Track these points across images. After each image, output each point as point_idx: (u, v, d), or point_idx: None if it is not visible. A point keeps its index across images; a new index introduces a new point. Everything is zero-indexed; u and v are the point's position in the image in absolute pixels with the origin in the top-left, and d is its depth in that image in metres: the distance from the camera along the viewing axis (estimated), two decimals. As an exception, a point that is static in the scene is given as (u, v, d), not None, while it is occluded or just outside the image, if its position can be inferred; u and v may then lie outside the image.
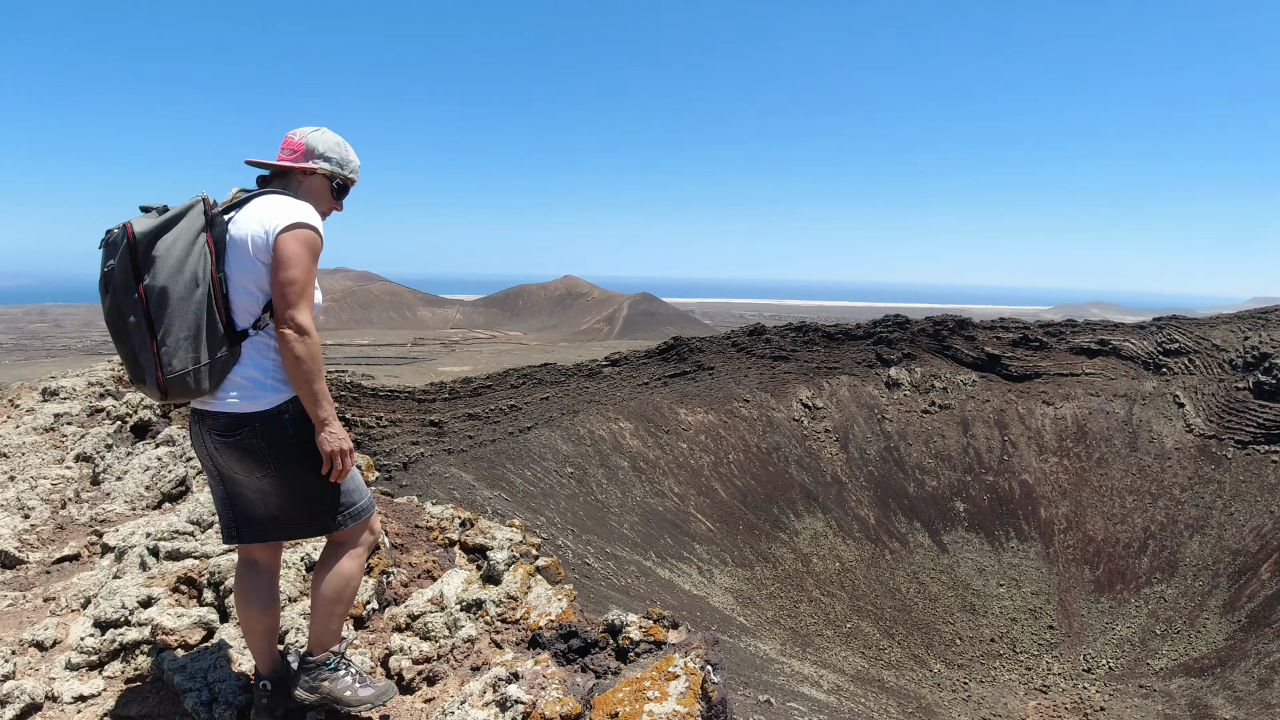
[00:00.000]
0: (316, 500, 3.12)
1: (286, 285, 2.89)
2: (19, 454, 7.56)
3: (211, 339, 2.92)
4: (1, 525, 5.90)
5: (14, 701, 3.60)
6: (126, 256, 2.83)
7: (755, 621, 41.88)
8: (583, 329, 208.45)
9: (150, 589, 4.19)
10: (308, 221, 2.97)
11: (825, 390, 60.36)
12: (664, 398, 55.28)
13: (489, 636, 3.51)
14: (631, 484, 48.03)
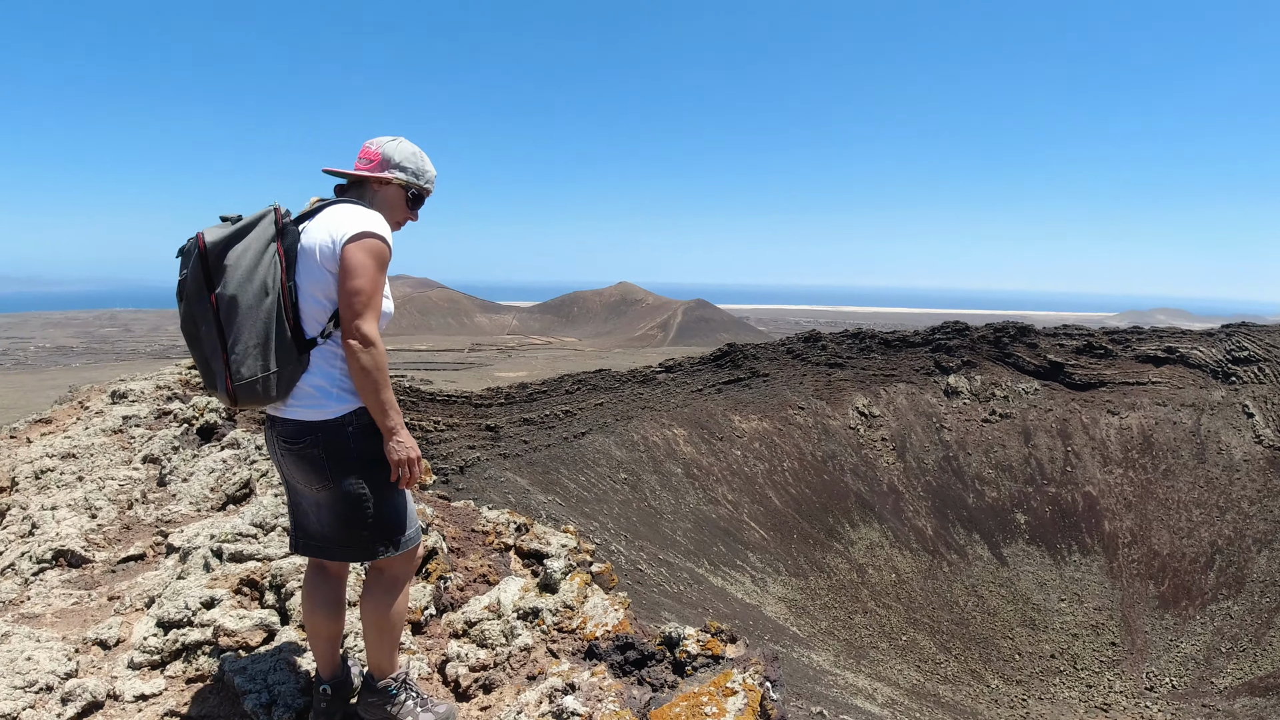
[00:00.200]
0: (366, 522, 3.11)
1: (352, 295, 2.90)
2: (88, 455, 7.76)
3: (280, 347, 2.94)
4: (69, 524, 6.05)
5: (76, 699, 3.66)
6: (198, 265, 2.89)
7: (809, 632, 41.46)
8: (637, 335, 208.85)
9: (213, 590, 4.25)
10: (375, 231, 2.97)
11: (882, 398, 59.59)
12: (718, 404, 55.05)
13: (545, 645, 3.49)
14: (685, 491, 47.88)
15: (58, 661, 3.95)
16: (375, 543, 3.13)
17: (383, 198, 3.23)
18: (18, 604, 5.09)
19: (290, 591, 4.11)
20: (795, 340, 62.81)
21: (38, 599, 5.03)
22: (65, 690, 3.70)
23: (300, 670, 3.57)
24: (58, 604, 4.92)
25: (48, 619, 4.75)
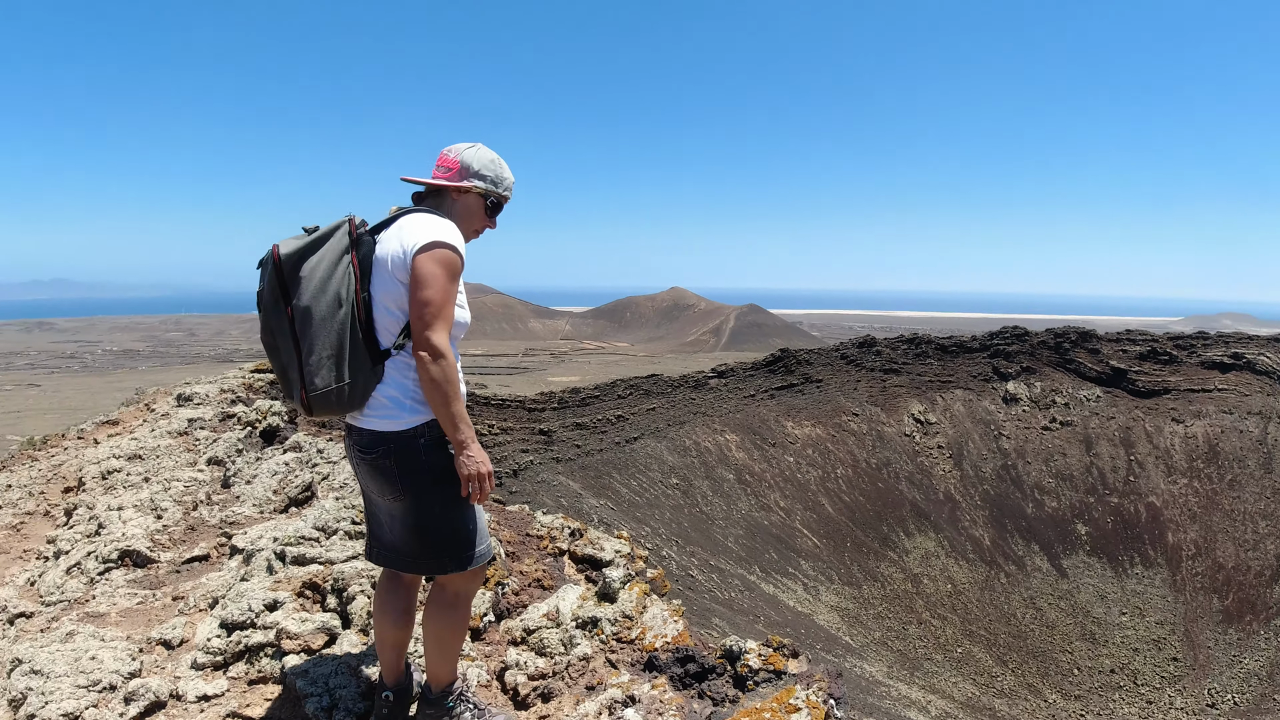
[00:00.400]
0: (435, 536, 3.09)
1: (423, 306, 2.87)
2: (153, 456, 7.91)
3: (354, 358, 2.94)
4: (134, 525, 6.17)
5: (139, 699, 3.70)
6: (273, 277, 2.92)
7: (861, 642, 40.94)
8: (689, 340, 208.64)
9: (276, 593, 4.28)
10: (446, 240, 2.94)
11: (939, 405, 58.68)
12: (770, 410, 54.69)
13: (604, 655, 3.44)
14: (737, 497, 47.64)
15: (121, 661, 4.01)
16: (444, 557, 3.10)
17: (462, 206, 3.21)
18: (83, 603, 5.19)
19: (351, 596, 4.12)
20: (849, 345, 62.17)
21: (103, 598, 5.11)
22: (128, 690, 3.75)
23: (361, 675, 3.57)
24: (122, 603, 5.00)
25: (112, 618, 4.82)
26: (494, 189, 3.23)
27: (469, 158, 3.18)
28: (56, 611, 5.17)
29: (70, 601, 5.27)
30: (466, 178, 3.17)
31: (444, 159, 3.21)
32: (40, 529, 7.58)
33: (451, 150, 3.21)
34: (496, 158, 3.25)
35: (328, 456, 6.92)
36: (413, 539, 3.11)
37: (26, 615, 5.33)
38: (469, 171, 3.18)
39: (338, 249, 2.96)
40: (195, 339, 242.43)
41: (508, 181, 3.29)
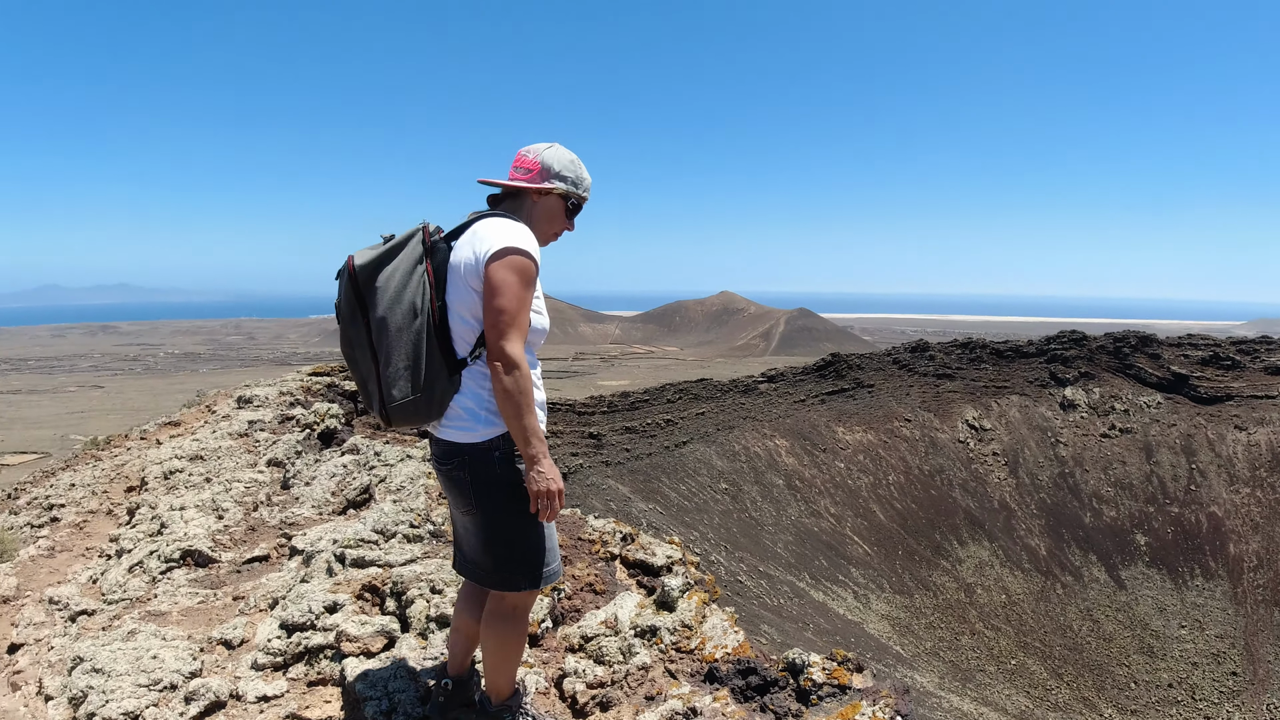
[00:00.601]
0: (503, 551, 3.03)
1: (496, 314, 2.80)
2: (215, 457, 8.04)
3: (430, 369, 2.90)
4: (196, 525, 6.25)
5: (199, 698, 3.72)
6: (349, 288, 2.90)
7: (913, 652, 40.33)
8: (739, 345, 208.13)
9: (336, 595, 4.29)
10: (518, 246, 2.86)
11: (994, 411, 57.65)
12: (821, 415, 54.22)
13: (663, 665, 3.38)
14: (786, 502, 47.29)
15: (182, 660, 4.04)
16: (514, 574, 3.04)
17: (542, 209, 3.12)
18: (145, 601, 5.26)
19: (410, 600, 4.11)
20: (902, 350, 61.45)
21: (164, 597, 5.18)
22: (189, 689, 3.77)
23: (420, 680, 3.55)
24: (184, 602, 5.06)
25: (174, 617, 4.88)
26: (574, 190, 3.13)
27: (549, 158, 3.09)
28: (118, 610, 5.25)
29: (132, 600, 5.34)
30: (547, 179, 3.08)
31: (522, 160, 3.11)
32: (103, 527, 7.73)
33: (530, 151, 3.12)
34: (575, 158, 3.15)
35: (384, 459, 6.95)
36: (484, 552, 3.06)
37: (88, 613, 5.41)
38: (550, 172, 3.08)
39: (412, 258, 2.91)
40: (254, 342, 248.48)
41: (587, 182, 3.20)
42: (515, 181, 3.08)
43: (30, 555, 7.10)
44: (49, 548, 7.29)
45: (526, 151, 3.11)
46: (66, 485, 9.37)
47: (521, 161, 3.10)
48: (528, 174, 3.08)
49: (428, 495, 5.87)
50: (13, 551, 7.31)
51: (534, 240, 2.96)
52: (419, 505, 5.53)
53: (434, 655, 3.72)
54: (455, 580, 4.19)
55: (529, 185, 3.06)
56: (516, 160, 3.12)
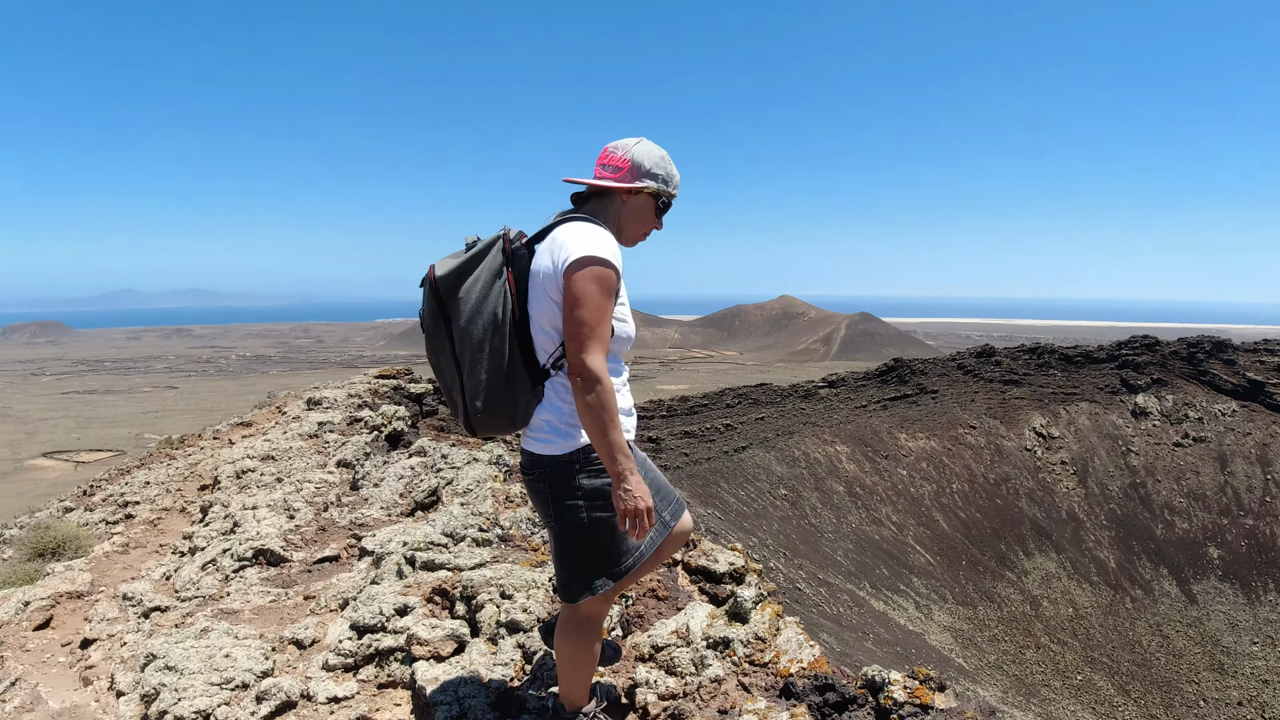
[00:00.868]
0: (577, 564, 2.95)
1: (576, 327, 2.68)
2: (286, 457, 8.15)
3: (511, 380, 2.83)
4: (268, 524, 6.33)
5: (270, 698, 3.72)
6: (431, 299, 2.84)
7: (975, 665, 39.51)
8: (799, 349, 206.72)
9: (406, 598, 4.28)
10: (598, 255, 2.71)
11: (1062, 418, 56.29)
12: (883, 421, 53.51)
13: (736, 678, 3.29)
14: (847, 509, 46.75)
15: (255, 659, 4.06)
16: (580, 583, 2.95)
17: (631, 209, 2.97)
18: (217, 599, 5.32)
19: (480, 604, 4.07)
20: (967, 355, 60.31)
21: (237, 595, 5.23)
22: (260, 689, 3.78)
23: (490, 685, 3.51)
24: (256, 601, 5.10)
25: (245, 615, 4.92)
26: (665, 189, 2.97)
27: (639, 155, 2.92)
28: (191, 607, 5.31)
29: (205, 597, 5.40)
30: (638, 178, 2.92)
31: (609, 157, 2.94)
32: (176, 525, 7.88)
33: (618, 147, 2.95)
34: (665, 154, 2.99)
35: (451, 462, 6.97)
36: (559, 562, 3.00)
37: (161, 609, 5.49)
38: (640, 170, 2.92)
39: (492, 267, 2.82)
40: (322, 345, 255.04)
41: (677, 180, 3.04)
42: (604, 181, 2.93)
43: (105, 551, 7.25)
44: (123, 544, 7.45)
45: (614, 148, 2.95)
46: (141, 483, 9.59)
47: (609, 158, 2.94)
48: (616, 172, 2.92)
49: (494, 499, 5.87)
50: (88, 547, 7.49)
51: (615, 246, 2.83)
52: (487, 509, 5.52)
53: (504, 661, 3.68)
54: (525, 586, 4.15)
55: (620, 185, 2.91)
56: (602, 157, 2.97)
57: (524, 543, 5.09)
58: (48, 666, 5.18)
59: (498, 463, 6.97)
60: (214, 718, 3.69)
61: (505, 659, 3.68)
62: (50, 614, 5.90)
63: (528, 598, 4.07)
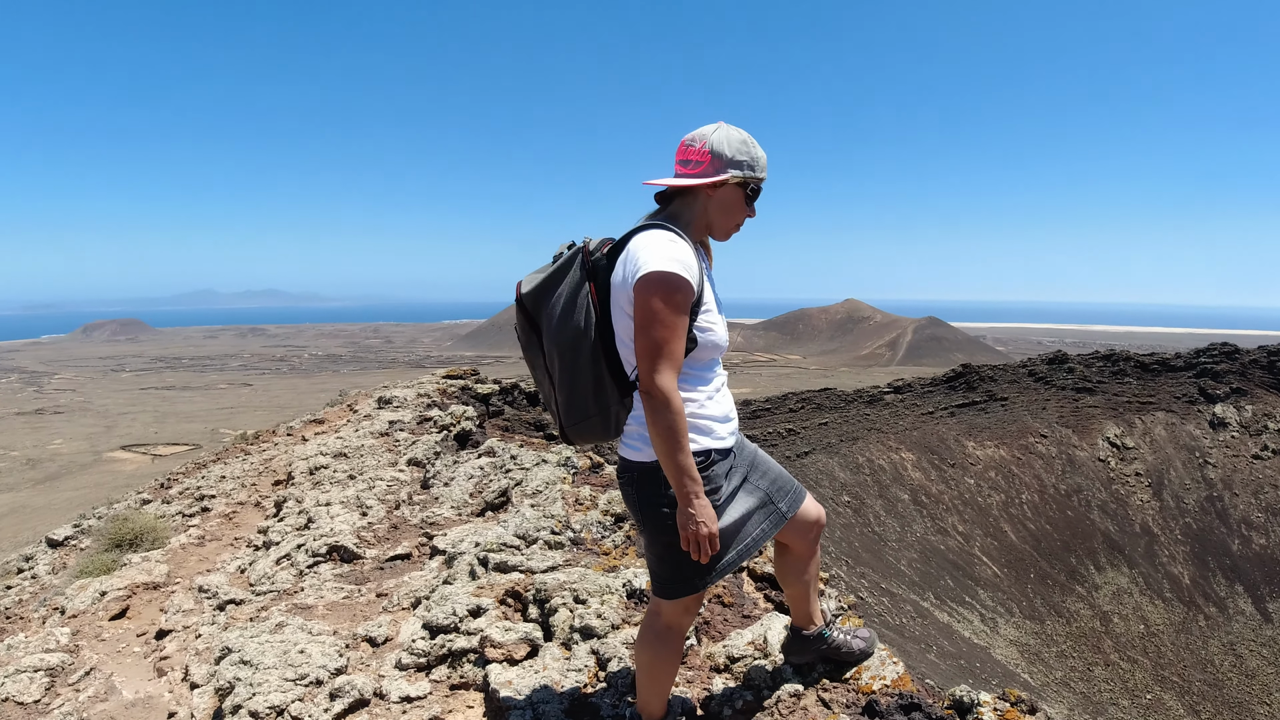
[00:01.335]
0: (662, 571, 2.90)
1: (644, 345, 2.60)
2: (358, 455, 8.27)
3: (598, 391, 2.79)
4: (341, 521, 6.40)
5: (344, 696, 3.72)
6: (520, 314, 2.85)
7: (1041, 681, 38.49)
8: (864, 354, 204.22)
9: (479, 599, 4.27)
10: (665, 269, 2.59)
11: (1137, 428, 54.56)
12: (950, 429, 52.50)
13: (816, 694, 3.19)
14: (912, 518, 45.95)
15: (329, 656, 4.07)
16: (662, 580, 2.92)
17: (718, 203, 2.80)
18: (291, 594, 5.38)
19: (554, 608, 4.04)
20: (1038, 362, 58.80)
21: (310, 590, 5.28)
22: (334, 686, 3.79)
23: (564, 691, 3.48)
24: (329, 597, 5.15)
25: (319, 610, 4.96)
26: (752, 174, 2.78)
27: (719, 143, 2.74)
28: (266, 601, 5.38)
29: (279, 592, 5.47)
30: (721, 169, 2.74)
31: (688, 151, 2.77)
32: (251, 519, 8.03)
33: (695, 139, 2.77)
34: (747, 136, 2.79)
35: (520, 463, 6.99)
36: (652, 563, 2.96)
37: (236, 602, 5.58)
38: (723, 160, 2.74)
39: (575, 280, 2.76)
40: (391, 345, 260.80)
41: (763, 161, 2.83)
42: (684, 180, 2.76)
43: (181, 543, 7.41)
44: (199, 536, 7.61)
45: (691, 140, 2.78)
46: (217, 477, 9.81)
47: (687, 153, 2.78)
48: (697, 167, 2.76)
49: (564, 501, 5.85)
50: (165, 539, 7.66)
51: (689, 256, 2.67)
52: (557, 511, 5.50)
53: (578, 667, 3.63)
54: (599, 591, 4.12)
55: (702, 181, 2.74)
56: (680, 152, 2.81)
57: (595, 546, 5.06)
58: (123, 656, 5.28)
59: (566, 465, 6.97)
60: (288, 714, 3.70)
61: (579, 665, 3.64)
62: (127, 604, 6.03)
63: (602, 603, 4.02)
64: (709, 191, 2.79)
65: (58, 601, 6.32)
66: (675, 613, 2.97)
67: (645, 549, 3.00)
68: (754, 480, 2.96)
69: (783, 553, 3.23)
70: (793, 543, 3.15)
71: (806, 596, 3.26)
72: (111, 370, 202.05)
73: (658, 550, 2.88)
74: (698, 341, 2.73)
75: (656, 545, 2.87)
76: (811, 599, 3.28)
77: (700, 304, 2.71)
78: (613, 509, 5.52)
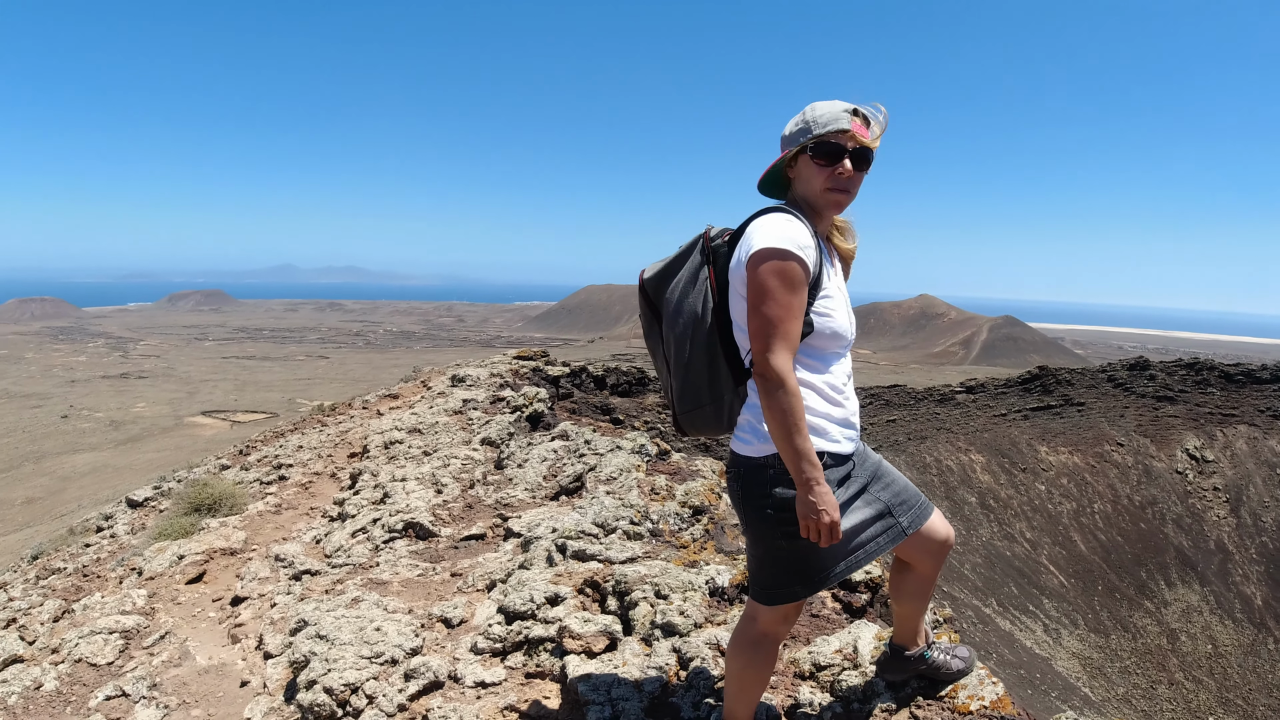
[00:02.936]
0: (763, 572, 2.78)
1: (757, 325, 2.52)
2: (432, 432, 8.30)
3: (713, 380, 2.77)
4: (417, 497, 6.41)
5: (419, 677, 3.69)
6: (642, 300, 2.89)
7: (1103, 696, 37.47)
8: (936, 351, 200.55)
9: (558, 587, 4.20)
10: (776, 246, 2.52)
11: (1218, 441, 52.59)
12: (1023, 432, 51.25)
13: (909, 711, 3.04)
14: (978, 522, 45.05)
15: (405, 636, 4.04)
16: (761, 584, 2.80)
17: (801, 180, 2.71)
18: (367, 568, 5.39)
19: (634, 601, 3.94)
20: (1118, 367, 57.01)
21: (386, 566, 5.28)
22: (409, 667, 3.75)
23: (644, 689, 3.38)
24: (404, 574, 5.13)
25: (394, 587, 4.95)
26: (808, 134, 2.64)
27: (785, 129, 2.73)
28: (341, 574, 5.39)
29: (355, 566, 5.49)
30: (784, 147, 2.71)
31: None
32: (327, 489, 8.11)
33: None
34: (810, 106, 2.70)
35: (595, 448, 6.93)
36: (754, 565, 2.84)
37: (312, 573, 5.61)
38: (785, 140, 2.71)
39: (694, 267, 2.77)
40: (464, 324, 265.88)
41: (819, 116, 2.65)
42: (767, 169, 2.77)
43: (258, 510, 7.51)
44: (276, 504, 7.71)
45: None
46: (294, 446, 9.95)
47: None
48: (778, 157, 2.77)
49: (639, 489, 5.76)
50: (242, 505, 7.78)
51: (804, 235, 2.58)
52: (636, 500, 5.40)
53: (658, 665, 3.52)
54: (681, 587, 4.00)
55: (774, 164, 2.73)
56: None
57: (673, 539, 4.96)
58: (197, 621, 5.34)
59: (640, 452, 6.88)
60: (362, 692, 3.68)
61: (660, 663, 3.52)
62: (203, 569, 6.11)
63: (684, 600, 3.90)
64: (789, 173, 2.75)
65: (135, 562, 6.43)
66: (773, 620, 2.85)
67: (748, 550, 2.88)
68: (874, 490, 2.83)
69: (902, 569, 3.11)
70: (915, 560, 3.03)
71: (917, 615, 3.17)
72: (195, 339, 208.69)
73: (760, 552, 2.76)
74: (814, 326, 2.62)
75: (759, 547, 2.75)
76: (921, 618, 3.19)
77: (819, 287, 2.63)
78: (690, 500, 5.42)
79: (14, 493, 68.94)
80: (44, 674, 4.51)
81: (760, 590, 2.81)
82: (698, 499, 5.44)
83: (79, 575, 6.94)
